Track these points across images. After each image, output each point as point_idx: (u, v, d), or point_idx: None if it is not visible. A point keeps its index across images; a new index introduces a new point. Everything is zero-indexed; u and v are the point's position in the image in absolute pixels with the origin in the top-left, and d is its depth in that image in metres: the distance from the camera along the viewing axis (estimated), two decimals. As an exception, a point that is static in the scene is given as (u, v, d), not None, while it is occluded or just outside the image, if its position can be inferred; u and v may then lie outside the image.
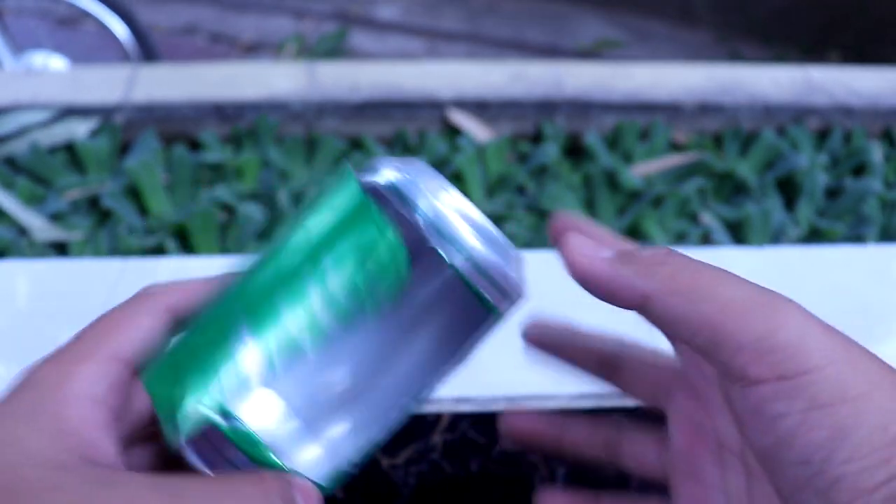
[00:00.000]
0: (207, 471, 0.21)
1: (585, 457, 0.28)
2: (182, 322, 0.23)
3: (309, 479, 0.22)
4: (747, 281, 0.20)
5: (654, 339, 0.27)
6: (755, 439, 0.19)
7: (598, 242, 0.22)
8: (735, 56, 2.62)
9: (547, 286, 0.52)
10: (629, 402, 0.48)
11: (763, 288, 0.20)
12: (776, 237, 0.98)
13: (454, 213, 0.21)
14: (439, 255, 0.20)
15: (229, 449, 0.21)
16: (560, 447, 0.28)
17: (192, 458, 0.21)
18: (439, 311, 0.21)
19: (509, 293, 0.22)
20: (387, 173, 0.21)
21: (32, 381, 0.21)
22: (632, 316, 0.21)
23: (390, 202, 0.21)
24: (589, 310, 0.50)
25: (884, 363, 0.19)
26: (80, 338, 0.22)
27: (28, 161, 1.03)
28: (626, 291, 0.21)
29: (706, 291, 0.20)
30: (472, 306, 0.21)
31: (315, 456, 0.21)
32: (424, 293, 0.21)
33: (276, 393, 0.21)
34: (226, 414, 0.20)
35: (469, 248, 0.20)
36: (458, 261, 0.21)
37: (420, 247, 0.20)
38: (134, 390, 0.22)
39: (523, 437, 0.28)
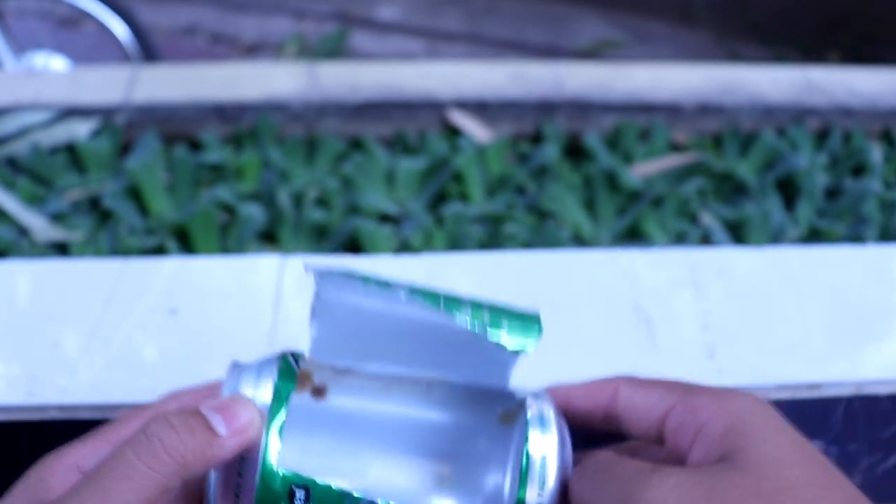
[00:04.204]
0: None
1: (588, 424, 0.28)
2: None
3: None
4: None
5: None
6: None
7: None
8: (735, 56, 2.62)
9: (544, 287, 0.53)
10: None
11: None
12: (776, 237, 0.98)
13: None
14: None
15: None
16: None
17: None
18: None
19: None
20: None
21: None
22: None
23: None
24: (583, 311, 0.50)
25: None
26: None
27: (29, 161, 1.03)
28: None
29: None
30: None
31: None
32: None
33: None
34: None
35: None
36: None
37: None
38: None
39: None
